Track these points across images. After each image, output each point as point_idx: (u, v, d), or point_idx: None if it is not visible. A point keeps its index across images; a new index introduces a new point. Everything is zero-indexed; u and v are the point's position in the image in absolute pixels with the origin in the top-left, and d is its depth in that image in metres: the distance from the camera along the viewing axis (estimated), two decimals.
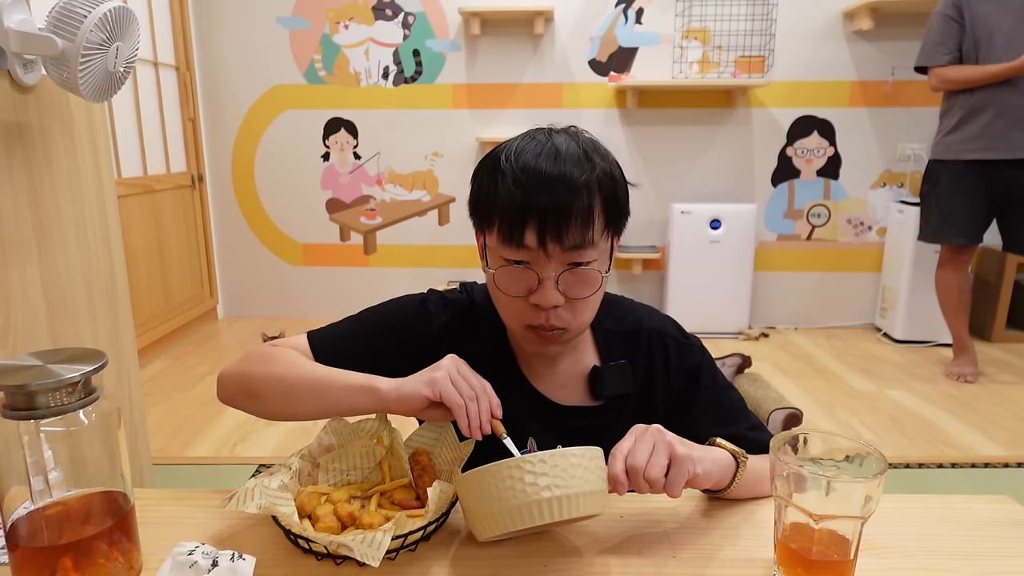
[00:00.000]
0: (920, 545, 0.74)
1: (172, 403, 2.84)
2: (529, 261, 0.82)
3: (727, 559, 0.72)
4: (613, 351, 0.96)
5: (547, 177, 0.79)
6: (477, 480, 0.66)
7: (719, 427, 0.89)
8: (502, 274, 0.84)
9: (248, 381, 0.88)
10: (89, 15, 1.10)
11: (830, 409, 2.80)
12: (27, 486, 0.63)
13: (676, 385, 0.95)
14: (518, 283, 0.84)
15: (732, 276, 3.78)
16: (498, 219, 0.82)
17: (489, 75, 3.81)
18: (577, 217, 0.79)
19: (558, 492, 0.64)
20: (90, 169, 1.47)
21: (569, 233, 0.79)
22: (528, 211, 0.79)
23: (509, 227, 0.80)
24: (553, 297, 0.82)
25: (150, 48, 3.46)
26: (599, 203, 0.81)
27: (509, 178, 0.81)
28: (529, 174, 0.80)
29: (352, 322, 0.97)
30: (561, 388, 0.95)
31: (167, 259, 3.60)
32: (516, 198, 0.80)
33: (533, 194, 0.79)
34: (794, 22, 3.68)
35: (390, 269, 4.10)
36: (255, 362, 0.88)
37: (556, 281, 0.81)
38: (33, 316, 1.29)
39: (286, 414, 0.86)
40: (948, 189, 2.95)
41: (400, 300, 0.99)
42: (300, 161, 3.98)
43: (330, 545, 0.67)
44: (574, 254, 0.81)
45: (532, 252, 0.81)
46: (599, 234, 0.82)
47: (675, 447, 0.71)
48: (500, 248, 0.83)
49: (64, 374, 0.59)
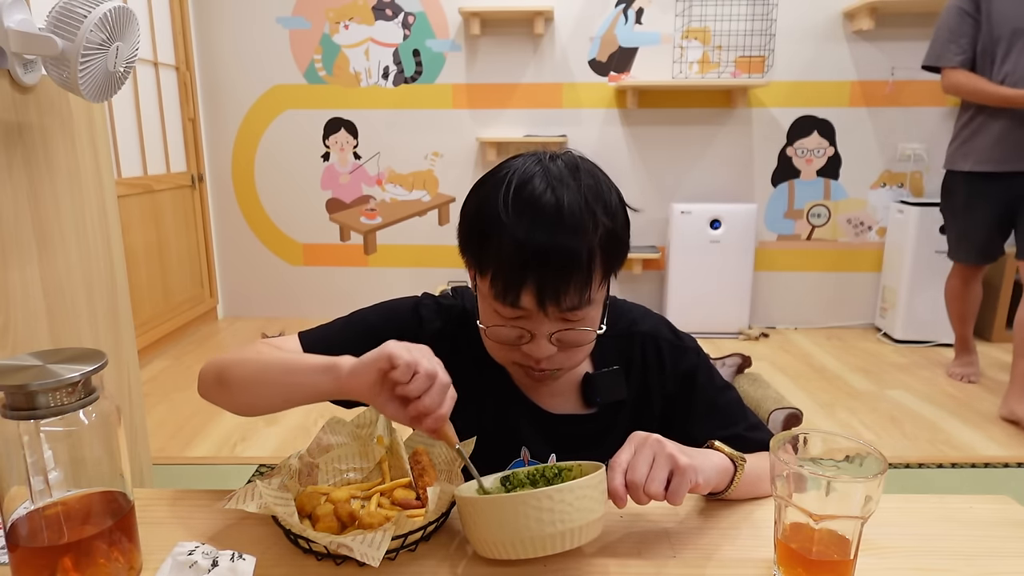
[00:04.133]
0: (920, 545, 0.74)
1: (172, 403, 2.84)
2: (524, 318, 0.80)
3: (727, 559, 0.72)
4: (606, 357, 0.94)
5: (547, 246, 0.75)
6: (483, 507, 0.66)
7: (718, 429, 0.88)
8: (495, 325, 0.83)
9: (221, 370, 0.86)
10: (89, 15, 1.10)
11: (830, 409, 2.80)
12: (27, 486, 0.62)
13: (671, 389, 0.94)
14: (509, 335, 0.83)
15: (732, 276, 3.78)
16: (491, 273, 0.78)
17: (489, 75, 3.81)
18: (576, 283, 0.77)
19: (564, 527, 0.64)
20: (90, 169, 1.47)
21: (567, 297, 0.77)
22: (526, 275, 0.76)
23: (503, 286, 0.78)
24: (543, 350, 0.81)
25: (150, 48, 3.46)
26: (599, 262, 0.78)
27: (508, 235, 0.76)
28: (529, 235, 0.75)
29: (343, 323, 0.95)
30: (554, 396, 0.94)
31: (167, 259, 3.60)
32: (513, 260, 0.76)
33: (531, 259, 0.75)
34: (794, 22, 3.68)
35: (390, 269, 4.10)
36: (232, 353, 0.87)
37: (550, 337, 0.81)
38: (33, 316, 1.29)
39: (253, 401, 0.83)
40: (963, 203, 2.81)
41: (393, 302, 0.97)
42: (300, 161, 3.98)
43: (330, 545, 0.67)
44: (571, 315, 0.79)
45: (527, 312, 0.79)
46: (597, 284, 0.80)
47: (677, 458, 0.70)
48: (493, 301, 0.80)
49: (64, 374, 0.59)
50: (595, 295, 0.80)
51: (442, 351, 0.92)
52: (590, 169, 0.81)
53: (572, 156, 0.82)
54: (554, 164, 0.79)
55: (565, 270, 0.75)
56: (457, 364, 0.92)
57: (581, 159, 0.82)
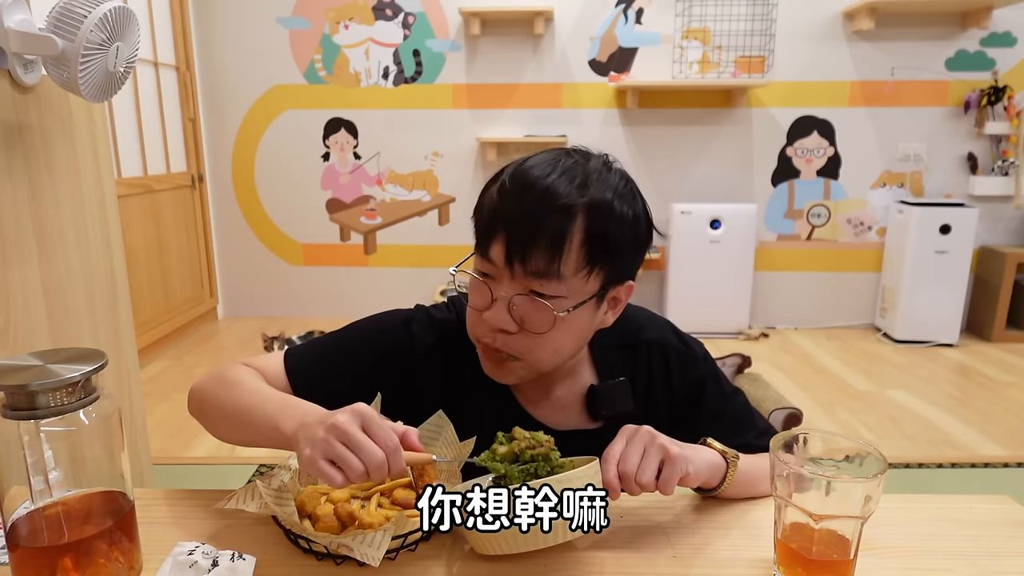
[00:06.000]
0: (920, 545, 0.74)
1: (172, 403, 2.84)
2: (492, 277, 0.78)
3: (726, 559, 0.72)
4: (611, 368, 0.91)
5: (527, 185, 0.74)
6: None
7: (727, 438, 0.87)
8: (471, 284, 0.81)
9: (203, 401, 0.85)
10: (89, 15, 1.10)
11: (830, 409, 2.80)
12: (27, 486, 0.62)
13: (679, 398, 0.92)
14: (478, 296, 0.80)
15: (732, 276, 3.78)
16: (475, 224, 0.80)
17: (489, 75, 3.81)
18: (545, 239, 0.73)
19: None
20: (90, 169, 1.47)
21: (533, 258, 0.73)
22: (498, 220, 0.75)
23: (481, 234, 0.78)
24: (499, 319, 0.77)
25: (150, 48, 3.46)
26: (580, 232, 0.74)
27: (497, 182, 0.78)
28: (514, 180, 0.76)
29: (332, 339, 0.92)
30: (558, 412, 0.90)
31: (167, 259, 3.60)
32: (493, 203, 0.77)
33: (507, 202, 0.75)
34: (794, 22, 3.68)
35: (390, 269, 4.10)
36: (215, 383, 0.84)
37: (508, 304, 0.77)
38: (33, 316, 1.29)
39: (229, 438, 0.82)
40: None
41: (384, 318, 0.94)
42: (300, 161, 3.98)
43: (330, 545, 0.67)
44: (535, 282, 0.75)
45: (496, 268, 0.77)
46: (573, 268, 0.75)
47: (668, 448, 0.71)
48: (477, 259, 0.81)
49: (64, 374, 0.59)
50: (568, 273, 0.75)
51: (436, 368, 0.90)
52: (617, 169, 0.80)
53: (602, 155, 0.81)
54: (571, 156, 0.78)
55: (536, 231, 0.73)
56: (454, 380, 0.90)
57: (610, 159, 0.80)
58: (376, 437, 0.64)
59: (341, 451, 0.63)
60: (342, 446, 0.63)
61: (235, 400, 0.79)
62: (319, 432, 0.64)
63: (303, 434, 0.67)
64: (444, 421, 0.82)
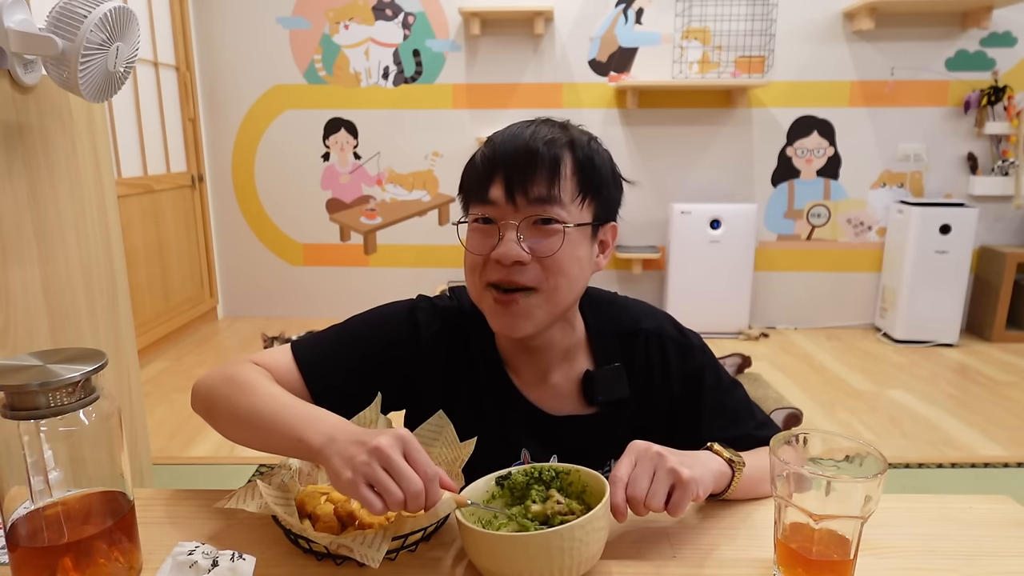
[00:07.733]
0: (920, 545, 0.74)
1: (172, 403, 2.84)
2: (495, 217, 0.81)
3: (727, 559, 0.72)
4: (609, 356, 0.92)
5: (517, 136, 0.82)
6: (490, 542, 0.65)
7: (726, 431, 0.87)
8: (470, 233, 0.84)
9: (211, 401, 0.84)
10: (89, 15, 1.10)
11: (830, 409, 2.80)
12: (27, 486, 0.62)
13: (677, 389, 0.92)
14: (482, 240, 0.82)
15: (732, 276, 3.78)
16: (468, 180, 0.85)
17: (489, 75, 3.81)
18: (543, 167, 0.79)
19: (573, 561, 0.64)
20: (90, 169, 1.47)
21: (535, 183, 0.79)
22: (495, 165, 0.81)
23: (477, 183, 0.82)
24: (510, 250, 0.79)
25: (150, 48, 3.46)
26: (570, 162, 0.81)
27: (484, 145, 0.85)
28: (500, 135, 0.84)
29: (336, 331, 0.93)
30: (554, 397, 0.91)
31: (167, 259, 3.60)
32: (486, 156, 0.83)
33: (500, 148, 0.82)
34: (794, 22, 3.68)
35: (390, 269, 4.10)
36: (226, 383, 0.83)
37: (517, 233, 0.79)
38: (33, 316, 1.29)
39: (238, 440, 0.82)
40: None
41: (387, 308, 0.95)
42: (300, 161, 3.98)
43: (330, 545, 0.67)
44: (538, 207, 0.80)
45: (497, 207, 0.81)
46: (570, 195, 0.81)
47: (680, 472, 0.69)
48: (472, 211, 0.84)
49: (64, 374, 0.59)
50: (566, 199, 0.80)
51: (440, 353, 0.91)
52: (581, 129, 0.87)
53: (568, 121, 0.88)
54: (546, 122, 0.86)
55: (532, 163, 0.79)
56: (455, 366, 0.92)
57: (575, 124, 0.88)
58: (416, 464, 0.64)
59: (382, 477, 0.63)
60: (383, 472, 0.63)
61: (251, 405, 0.78)
62: (360, 455, 0.64)
63: (336, 451, 0.66)
64: (444, 421, 0.82)
